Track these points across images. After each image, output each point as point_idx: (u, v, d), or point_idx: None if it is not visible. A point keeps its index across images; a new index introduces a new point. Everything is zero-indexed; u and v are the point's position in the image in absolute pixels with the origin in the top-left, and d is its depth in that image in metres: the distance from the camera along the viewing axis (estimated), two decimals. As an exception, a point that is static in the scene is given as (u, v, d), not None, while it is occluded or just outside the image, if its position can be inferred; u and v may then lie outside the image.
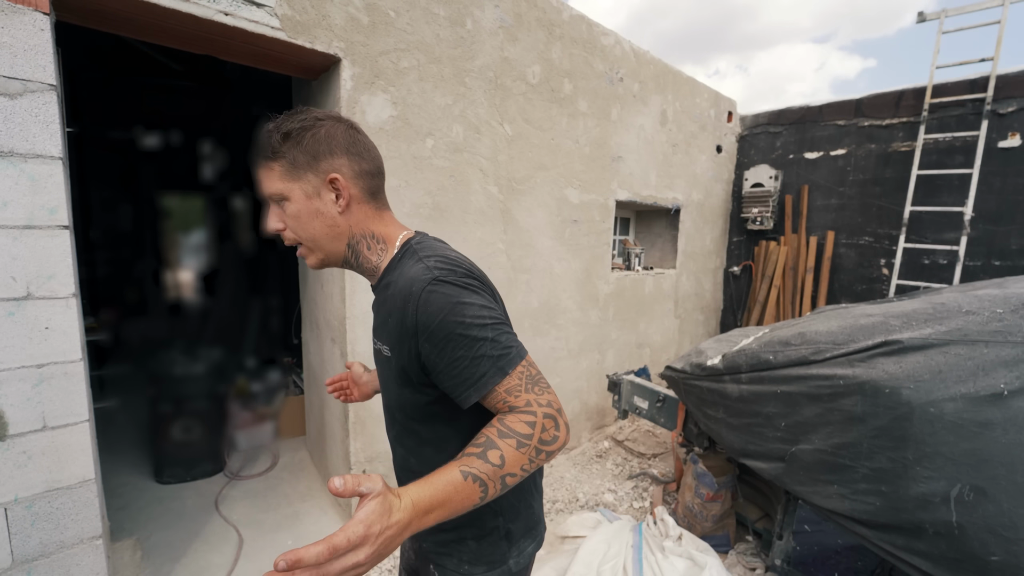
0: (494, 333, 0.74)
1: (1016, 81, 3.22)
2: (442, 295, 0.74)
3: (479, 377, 0.72)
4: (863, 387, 1.43)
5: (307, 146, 0.79)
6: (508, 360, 0.74)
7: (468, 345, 0.72)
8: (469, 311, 0.74)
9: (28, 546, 1.34)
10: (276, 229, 0.84)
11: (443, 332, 0.72)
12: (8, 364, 1.28)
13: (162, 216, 5.06)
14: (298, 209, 0.80)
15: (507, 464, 0.67)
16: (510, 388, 0.73)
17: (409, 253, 0.84)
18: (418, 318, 0.73)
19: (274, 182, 0.80)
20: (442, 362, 0.73)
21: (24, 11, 1.25)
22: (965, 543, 1.23)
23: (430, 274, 0.75)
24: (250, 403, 3.17)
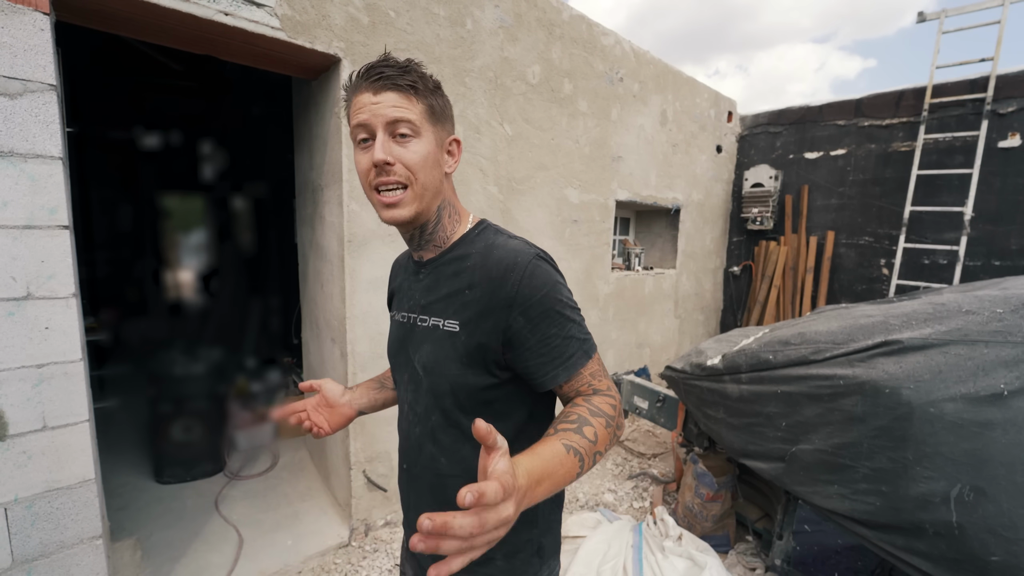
0: (580, 318, 0.77)
1: (1016, 81, 3.22)
2: (545, 271, 0.74)
3: (568, 356, 0.73)
4: (863, 387, 1.43)
5: (442, 101, 0.78)
6: (591, 345, 0.77)
7: (561, 324, 0.73)
8: (565, 292, 0.76)
9: (28, 546, 1.34)
10: (386, 161, 0.73)
11: (543, 307, 0.72)
12: (8, 364, 1.28)
13: (162, 216, 5.06)
14: (427, 152, 0.75)
15: (599, 441, 0.68)
16: (594, 372, 0.75)
17: (490, 230, 0.83)
18: (520, 289, 0.72)
19: (411, 112, 0.73)
20: (533, 337, 0.72)
21: (24, 11, 1.25)
22: (965, 543, 1.23)
23: (533, 249, 0.76)
24: (250, 403, 3.17)
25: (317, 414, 0.96)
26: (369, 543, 2.22)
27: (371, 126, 0.73)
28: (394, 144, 0.73)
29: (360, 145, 0.76)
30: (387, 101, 0.72)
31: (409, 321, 0.86)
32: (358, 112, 0.74)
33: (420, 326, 0.83)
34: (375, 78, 0.72)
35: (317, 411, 0.97)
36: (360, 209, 2.06)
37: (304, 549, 2.11)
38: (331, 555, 2.13)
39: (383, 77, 0.72)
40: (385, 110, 0.72)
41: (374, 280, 2.14)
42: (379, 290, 2.16)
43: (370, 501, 2.28)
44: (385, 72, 0.72)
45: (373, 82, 0.72)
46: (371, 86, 0.73)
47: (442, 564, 0.49)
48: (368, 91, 0.73)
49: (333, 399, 0.97)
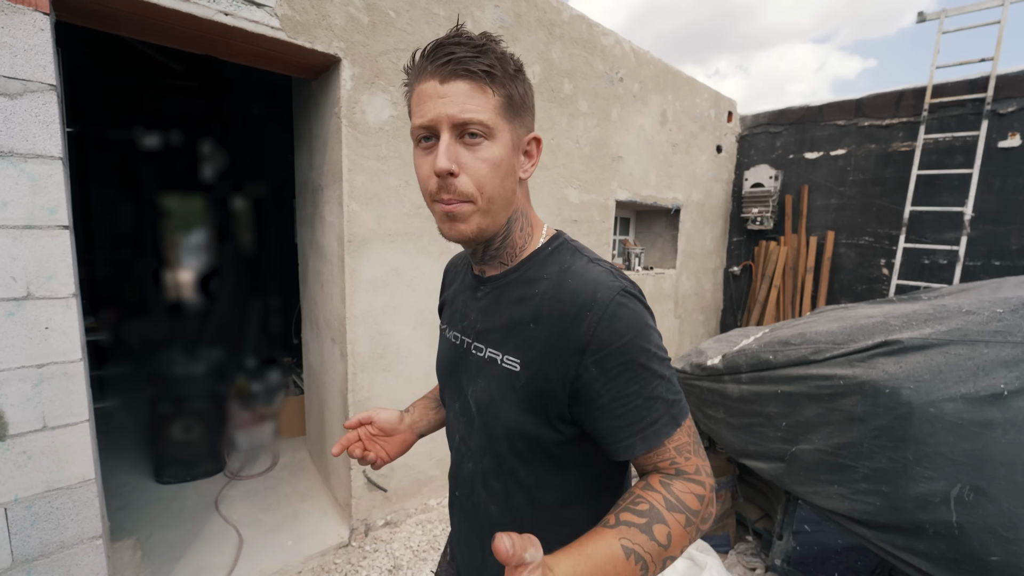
0: (670, 372, 0.61)
1: (1016, 81, 3.22)
2: (633, 312, 0.59)
3: (651, 423, 0.58)
4: (863, 387, 1.43)
5: (525, 87, 0.63)
6: (681, 409, 0.61)
7: (646, 380, 0.58)
8: (655, 339, 0.60)
9: (28, 546, 1.34)
10: (449, 171, 0.59)
11: (624, 357, 0.57)
12: (8, 364, 1.28)
13: (162, 216, 5.06)
14: (500, 157, 0.61)
15: (672, 544, 0.55)
16: (680, 446, 0.60)
17: (566, 248, 0.68)
18: (596, 333, 0.57)
19: (485, 108, 0.58)
20: (607, 394, 0.58)
21: (24, 11, 1.25)
22: (965, 543, 1.24)
23: (618, 283, 0.60)
24: (250, 403, 3.17)
25: (373, 444, 0.85)
26: (369, 543, 2.22)
27: (435, 125, 0.59)
28: (461, 148, 0.59)
29: (421, 144, 0.62)
30: (456, 94, 0.58)
31: (463, 345, 0.74)
32: (420, 106, 0.60)
33: (475, 355, 0.71)
34: (443, 60, 0.58)
35: (372, 441, 0.85)
36: (360, 209, 2.06)
37: (304, 549, 2.11)
38: (331, 555, 2.13)
39: (452, 59, 0.57)
40: (452, 108, 0.58)
41: (374, 280, 2.14)
42: (379, 290, 2.16)
43: (370, 501, 2.28)
44: (456, 53, 0.57)
45: (440, 66, 0.58)
46: (438, 71, 0.58)
47: None
48: (434, 78, 0.59)
49: (390, 428, 0.86)
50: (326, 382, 2.46)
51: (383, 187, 2.11)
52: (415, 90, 0.62)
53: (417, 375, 2.35)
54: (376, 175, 2.09)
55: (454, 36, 0.60)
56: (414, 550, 2.19)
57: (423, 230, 2.28)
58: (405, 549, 2.20)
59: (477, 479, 0.72)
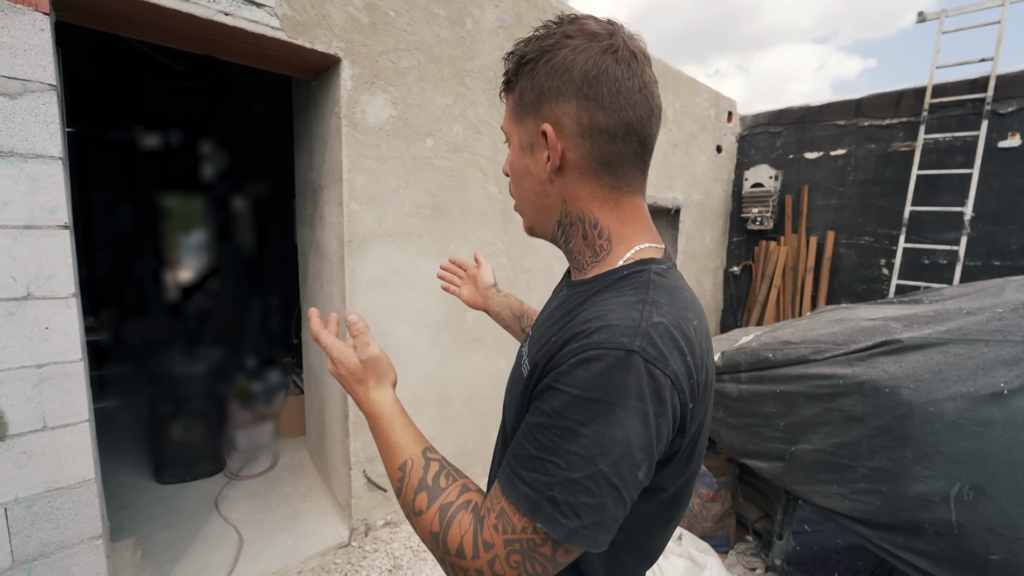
0: (585, 480, 0.45)
1: (1016, 81, 3.22)
2: (609, 377, 0.45)
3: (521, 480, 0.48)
4: (863, 387, 1.43)
5: (538, 79, 0.57)
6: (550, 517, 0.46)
7: (549, 448, 0.47)
8: (601, 428, 0.45)
9: (28, 546, 1.34)
10: (506, 173, 0.67)
11: (557, 404, 0.47)
12: (8, 364, 1.28)
13: (162, 216, 5.06)
14: (511, 161, 0.64)
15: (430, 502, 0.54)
16: (507, 518, 0.49)
17: (640, 280, 0.54)
18: (564, 364, 0.48)
19: (505, 118, 0.63)
20: (531, 419, 0.51)
21: (24, 11, 1.25)
22: (965, 542, 1.24)
23: (629, 340, 0.46)
24: (250, 403, 3.17)
25: (467, 284, 1.05)
26: (369, 543, 2.23)
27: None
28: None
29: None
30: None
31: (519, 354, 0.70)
32: None
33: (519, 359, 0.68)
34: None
35: (466, 280, 1.05)
36: (360, 209, 2.06)
37: (304, 549, 2.11)
38: (331, 555, 2.13)
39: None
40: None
41: (374, 280, 2.14)
42: (379, 290, 2.16)
43: (370, 501, 2.28)
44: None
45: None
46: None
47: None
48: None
49: (482, 282, 1.02)
50: (326, 382, 2.46)
51: (383, 187, 2.12)
52: None
53: (417, 375, 2.35)
54: (376, 175, 2.09)
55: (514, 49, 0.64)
56: (414, 550, 2.19)
57: (423, 230, 2.28)
58: (405, 549, 2.20)
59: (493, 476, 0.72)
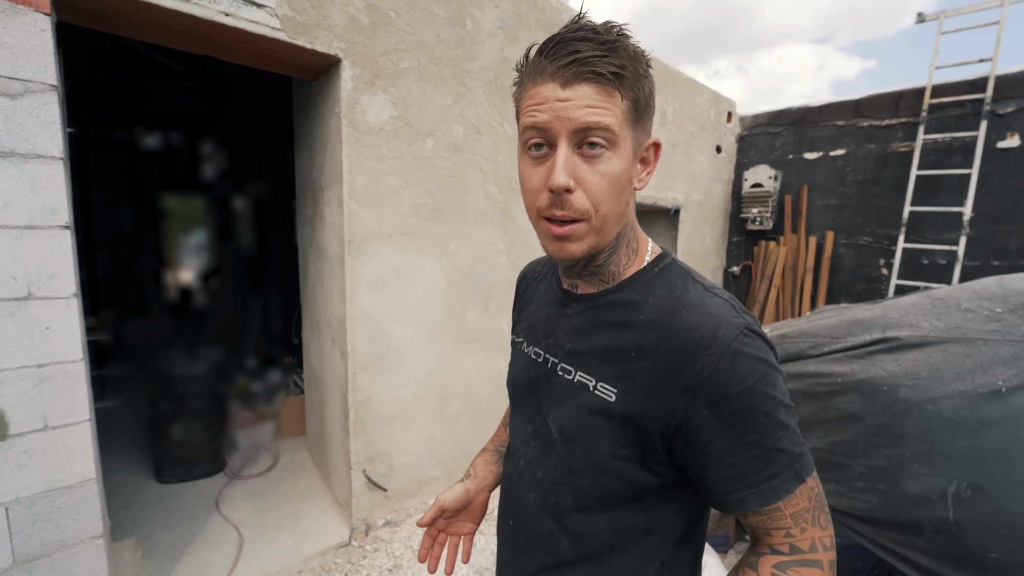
0: (794, 422, 0.53)
1: (1015, 81, 3.23)
2: (755, 353, 0.52)
3: (770, 476, 0.52)
4: (860, 385, 1.43)
5: (649, 89, 0.55)
6: (805, 464, 0.53)
7: (768, 430, 0.51)
8: (780, 384, 0.53)
9: (29, 546, 1.34)
10: (567, 187, 0.52)
11: (743, 404, 0.51)
12: (9, 364, 1.28)
13: (163, 216, 5.07)
14: (621, 171, 0.54)
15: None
16: (798, 513, 0.53)
17: (675, 270, 0.61)
18: (714, 374, 0.51)
19: (611, 114, 0.51)
20: (721, 441, 0.52)
21: (25, 12, 1.26)
22: (963, 540, 1.24)
23: (741, 319, 0.53)
24: (250, 403, 3.18)
25: (454, 525, 0.82)
26: (369, 543, 2.23)
27: (552, 131, 0.52)
28: (579, 160, 0.52)
29: (530, 152, 0.55)
30: (580, 98, 0.50)
31: (546, 364, 0.67)
32: (534, 107, 0.53)
33: (561, 377, 0.64)
34: (568, 60, 0.50)
35: (452, 524, 0.82)
36: (360, 209, 2.06)
37: (304, 549, 2.11)
38: (331, 555, 2.13)
39: (578, 59, 0.50)
40: (576, 112, 0.50)
41: (374, 280, 2.14)
42: (379, 290, 2.17)
43: (370, 501, 2.28)
44: (582, 52, 0.50)
45: (564, 66, 0.50)
46: (560, 72, 0.51)
47: None
48: (554, 80, 0.51)
49: (462, 504, 0.81)
50: (326, 382, 2.46)
51: (383, 187, 2.12)
52: (529, 91, 0.54)
53: (417, 375, 2.36)
54: (376, 175, 2.09)
55: (578, 29, 0.51)
56: (414, 550, 2.20)
57: (423, 230, 2.29)
58: (405, 549, 2.20)
59: (544, 512, 0.66)
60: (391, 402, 2.28)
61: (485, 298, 2.60)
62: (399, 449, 2.35)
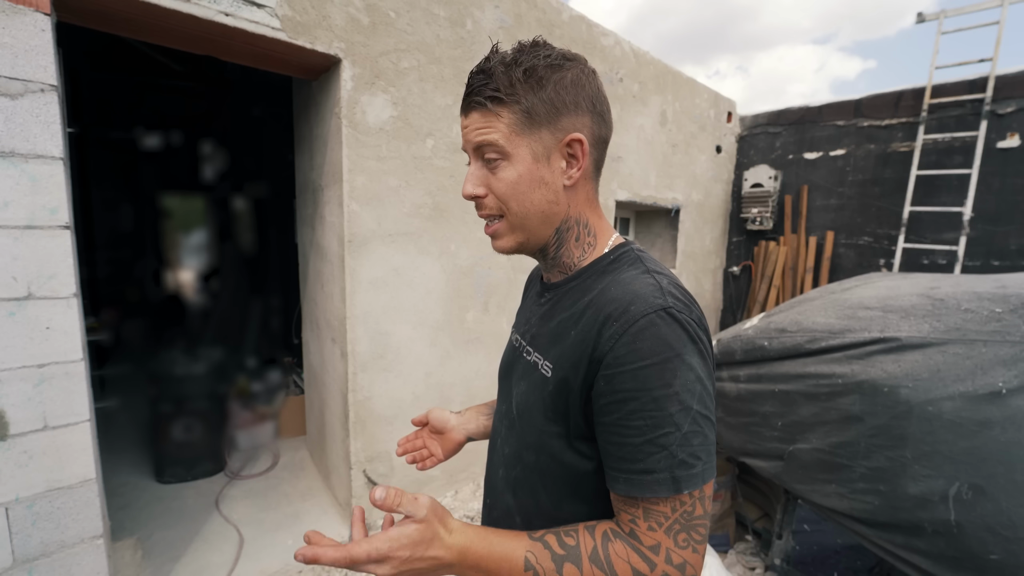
0: (691, 427, 0.52)
1: (1015, 82, 3.22)
2: (664, 335, 0.53)
3: (642, 472, 0.52)
4: (861, 386, 1.43)
5: (549, 93, 0.60)
6: (688, 477, 0.51)
7: (655, 423, 0.51)
8: (683, 377, 0.52)
9: (29, 545, 1.34)
10: (475, 195, 0.64)
11: (635, 384, 0.52)
12: (9, 364, 1.28)
13: (163, 216, 5.07)
14: (519, 174, 0.61)
15: (578, 565, 0.53)
16: (655, 513, 0.52)
17: (629, 259, 0.65)
18: (616, 346, 0.53)
19: (494, 131, 0.60)
20: (610, 417, 0.54)
21: (25, 12, 1.25)
22: (964, 541, 1.24)
23: (662, 300, 0.55)
24: (250, 403, 3.18)
25: (431, 441, 0.91)
26: (369, 543, 2.23)
27: (467, 151, 0.66)
28: (487, 171, 0.63)
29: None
30: (473, 123, 0.62)
31: (519, 348, 0.74)
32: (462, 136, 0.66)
33: (525, 359, 0.71)
34: (466, 93, 0.63)
35: (430, 438, 0.91)
36: (360, 209, 2.06)
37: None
38: (331, 555, 2.13)
39: (470, 92, 0.62)
40: (471, 135, 0.63)
41: (374, 280, 2.14)
42: (379, 290, 2.17)
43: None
44: (472, 85, 0.62)
45: (464, 99, 0.64)
46: (463, 105, 0.64)
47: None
48: (462, 111, 0.64)
49: (441, 426, 0.89)
50: (326, 382, 2.46)
51: (383, 187, 2.12)
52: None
53: (417, 375, 2.36)
54: (376, 175, 2.09)
55: (480, 64, 0.62)
56: (414, 550, 2.19)
57: (423, 230, 2.29)
58: (405, 549, 2.20)
59: (506, 488, 0.71)
60: (391, 402, 2.28)
61: (485, 298, 2.60)
62: (399, 449, 2.34)
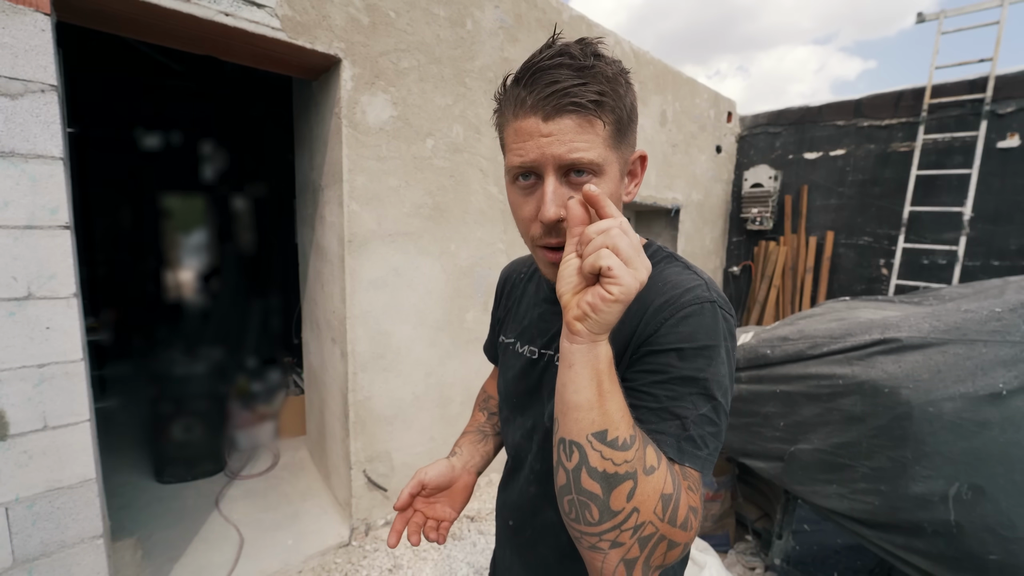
0: (708, 412, 0.52)
1: (1015, 82, 3.22)
2: (708, 325, 0.52)
3: (653, 431, 0.50)
4: (862, 387, 1.43)
5: (630, 103, 0.54)
6: (693, 455, 0.51)
7: (676, 395, 0.51)
8: (715, 367, 0.52)
9: (29, 546, 1.34)
10: (561, 217, 0.52)
11: (668, 360, 0.52)
12: (9, 364, 1.28)
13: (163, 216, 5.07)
14: (611, 192, 0.54)
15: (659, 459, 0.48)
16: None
17: (660, 255, 0.63)
18: (662, 327, 0.53)
19: (596, 145, 0.51)
20: (635, 383, 0.53)
21: (25, 12, 1.25)
22: (964, 542, 1.24)
23: (709, 294, 0.55)
24: (250, 403, 3.18)
25: (433, 508, 0.75)
26: (369, 543, 2.23)
27: (538, 169, 0.52)
28: (568, 189, 0.53)
29: (518, 182, 0.56)
30: (563, 132, 0.50)
31: (543, 359, 0.68)
32: (519, 144, 0.53)
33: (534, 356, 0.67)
34: (548, 92, 0.49)
35: (431, 506, 0.75)
36: (360, 209, 2.06)
37: (304, 548, 2.11)
38: (331, 554, 2.13)
39: (557, 92, 0.49)
40: (560, 148, 0.50)
41: (374, 280, 2.14)
42: (379, 290, 2.17)
43: (370, 501, 2.28)
44: (560, 82, 0.49)
45: (544, 99, 0.50)
46: (540, 106, 0.50)
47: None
48: (535, 114, 0.51)
49: (446, 480, 0.76)
50: (326, 382, 2.46)
51: (383, 187, 2.12)
52: (512, 125, 0.54)
53: (417, 375, 2.36)
54: (376, 175, 2.09)
55: (554, 55, 0.50)
56: (414, 549, 2.20)
57: (423, 230, 2.29)
58: (405, 548, 2.20)
59: (547, 504, 0.65)
60: (391, 402, 2.28)
61: (485, 298, 2.60)
62: (399, 449, 2.35)
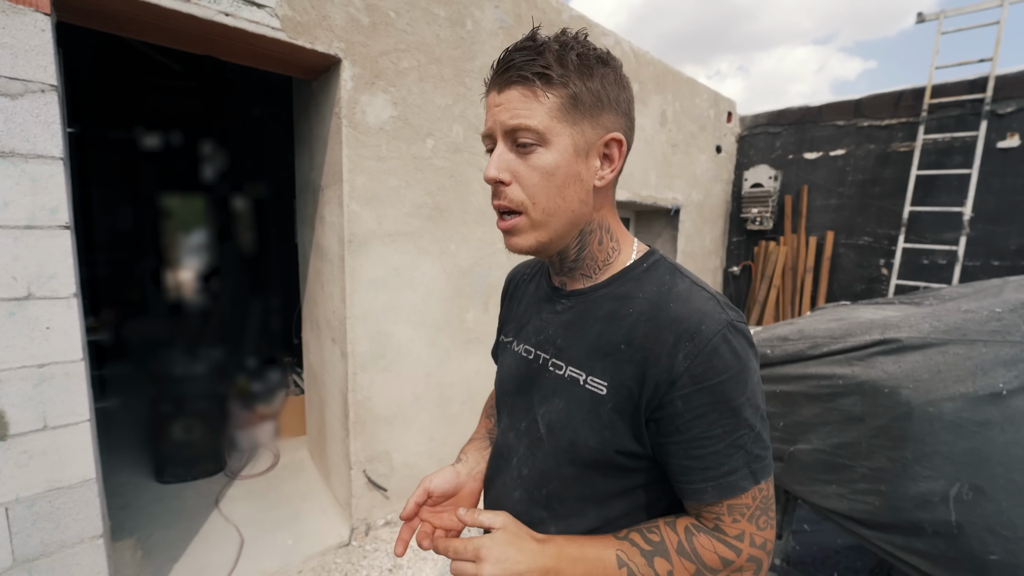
0: (761, 425, 0.56)
1: (1015, 81, 3.22)
2: (736, 349, 0.54)
3: (727, 472, 0.54)
4: (862, 387, 1.43)
5: (596, 85, 0.56)
6: (763, 467, 0.56)
7: (733, 427, 0.54)
8: (752, 383, 0.55)
9: (29, 545, 1.34)
10: (500, 180, 0.58)
11: (713, 397, 0.53)
12: (9, 364, 1.28)
13: (163, 216, 5.07)
14: (556, 164, 0.56)
15: (669, 560, 0.55)
16: (735, 506, 0.55)
17: (663, 266, 0.63)
18: (692, 366, 0.53)
19: (537, 113, 0.55)
20: (688, 432, 0.54)
21: (25, 12, 1.25)
22: (964, 542, 1.24)
23: (725, 315, 0.56)
24: (251, 403, 3.18)
25: (440, 518, 0.73)
26: (369, 543, 2.23)
27: (492, 135, 0.59)
28: (516, 156, 0.57)
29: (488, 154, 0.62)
30: (509, 102, 0.56)
31: (537, 361, 0.69)
32: (486, 117, 0.60)
33: (553, 372, 0.65)
34: (502, 68, 0.57)
35: (439, 516, 0.73)
36: (360, 209, 2.06)
37: (304, 548, 2.11)
38: (331, 554, 2.13)
39: (510, 67, 0.56)
40: (504, 115, 0.56)
41: (374, 280, 2.14)
42: (379, 290, 2.16)
43: (370, 501, 2.28)
44: (514, 60, 0.56)
45: (499, 74, 0.57)
46: (496, 80, 0.58)
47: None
48: (494, 87, 0.58)
49: (452, 488, 0.75)
50: (326, 382, 2.46)
51: (383, 187, 2.12)
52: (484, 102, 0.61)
53: (417, 375, 2.36)
54: (376, 175, 2.09)
55: (523, 40, 0.57)
56: (414, 549, 2.20)
57: (423, 230, 2.29)
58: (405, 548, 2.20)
59: (534, 505, 0.66)
60: (391, 402, 2.28)
61: (485, 298, 2.60)
62: (399, 449, 2.35)
